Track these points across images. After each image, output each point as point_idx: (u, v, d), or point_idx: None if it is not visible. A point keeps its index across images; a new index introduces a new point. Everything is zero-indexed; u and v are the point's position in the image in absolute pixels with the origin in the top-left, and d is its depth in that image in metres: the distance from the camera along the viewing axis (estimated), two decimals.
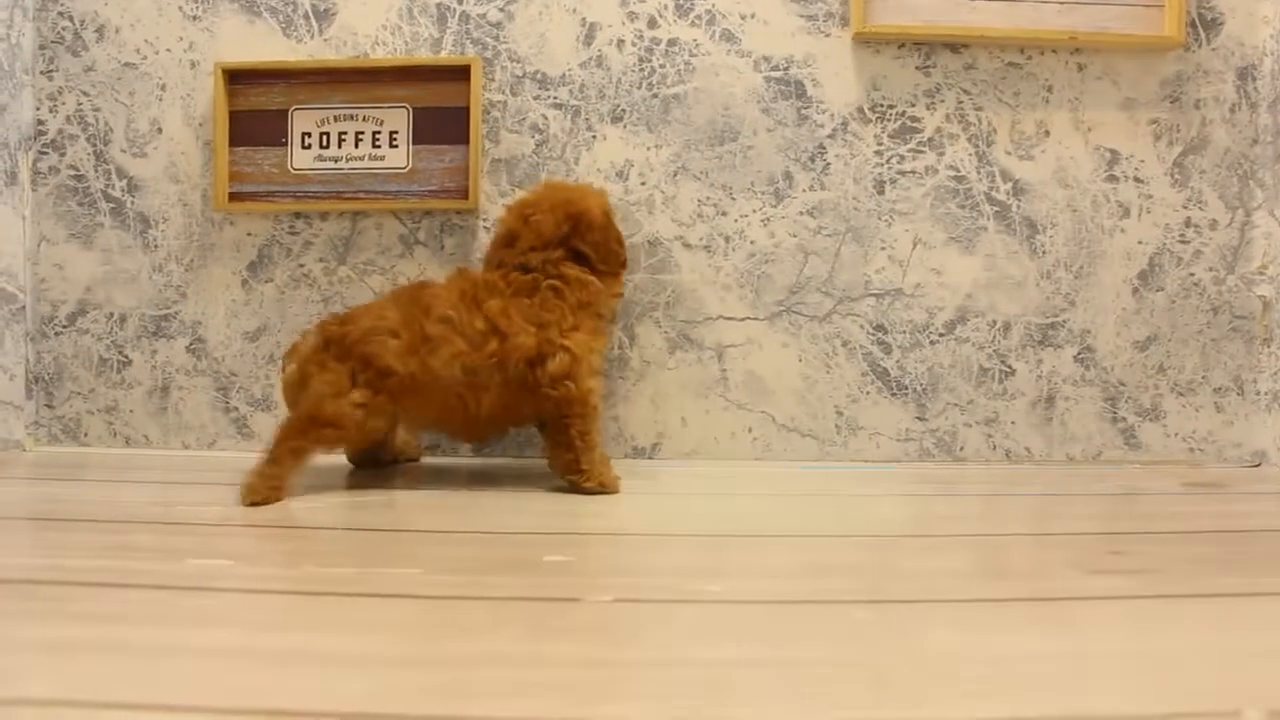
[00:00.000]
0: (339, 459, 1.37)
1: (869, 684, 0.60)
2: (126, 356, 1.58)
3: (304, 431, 1.23)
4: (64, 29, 1.57)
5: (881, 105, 1.52)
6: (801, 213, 1.52)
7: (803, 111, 1.52)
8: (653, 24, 1.52)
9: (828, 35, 1.52)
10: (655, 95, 1.52)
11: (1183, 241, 1.53)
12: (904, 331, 1.52)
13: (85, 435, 1.59)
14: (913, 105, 1.52)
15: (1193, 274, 1.53)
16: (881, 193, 1.52)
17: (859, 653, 0.67)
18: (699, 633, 0.71)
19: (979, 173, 1.52)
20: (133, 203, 1.57)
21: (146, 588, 0.81)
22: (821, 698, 0.58)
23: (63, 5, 1.57)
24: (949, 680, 0.61)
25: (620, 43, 1.52)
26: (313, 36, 1.55)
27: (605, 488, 1.26)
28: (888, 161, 1.52)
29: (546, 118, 1.53)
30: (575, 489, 1.25)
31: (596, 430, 1.28)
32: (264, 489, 1.18)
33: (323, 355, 1.26)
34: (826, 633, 0.71)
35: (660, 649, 0.67)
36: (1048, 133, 1.52)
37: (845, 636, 0.70)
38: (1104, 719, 0.56)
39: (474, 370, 1.25)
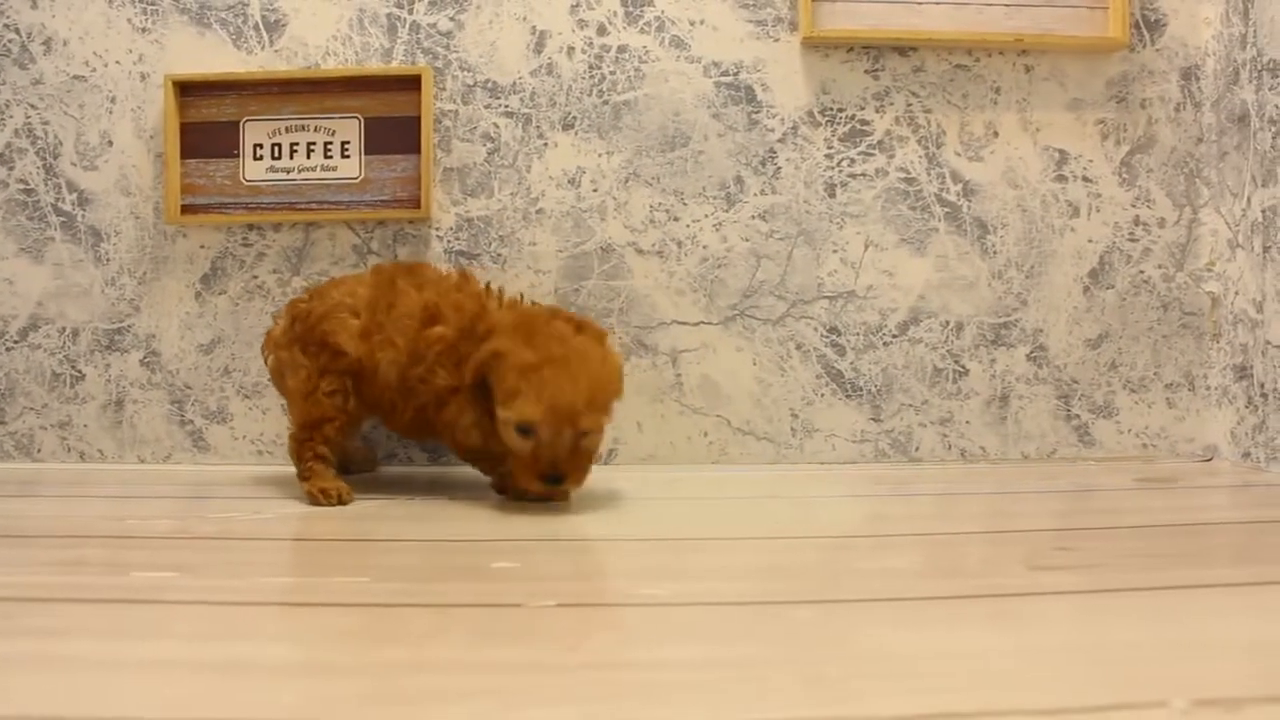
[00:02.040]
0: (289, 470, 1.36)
1: (804, 681, 0.61)
2: (79, 371, 1.57)
3: (309, 440, 1.27)
4: (10, 41, 1.56)
5: (831, 109, 1.53)
6: (753, 217, 1.53)
7: (753, 116, 1.53)
8: (602, 31, 1.53)
9: (776, 40, 1.53)
10: (606, 102, 1.53)
11: (1132, 240, 1.54)
12: (857, 333, 1.53)
13: (38, 451, 1.58)
14: (862, 108, 1.53)
15: (1142, 271, 1.55)
16: (833, 195, 1.53)
17: (797, 651, 0.67)
18: (638, 636, 0.72)
19: (929, 174, 1.53)
20: (84, 216, 1.56)
21: (93, 602, 0.80)
22: (754, 697, 0.58)
23: (8, 17, 1.56)
24: (887, 676, 0.62)
25: (570, 50, 1.53)
26: (263, 48, 1.55)
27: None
28: (838, 164, 1.53)
29: (498, 126, 1.53)
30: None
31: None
32: (330, 492, 1.24)
33: (290, 339, 1.30)
34: (767, 633, 0.71)
35: (598, 653, 0.67)
36: (996, 134, 1.54)
37: (785, 636, 0.71)
38: (1042, 712, 0.56)
39: (404, 380, 1.24)
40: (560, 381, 1.09)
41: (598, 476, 1.20)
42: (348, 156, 1.53)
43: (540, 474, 1.10)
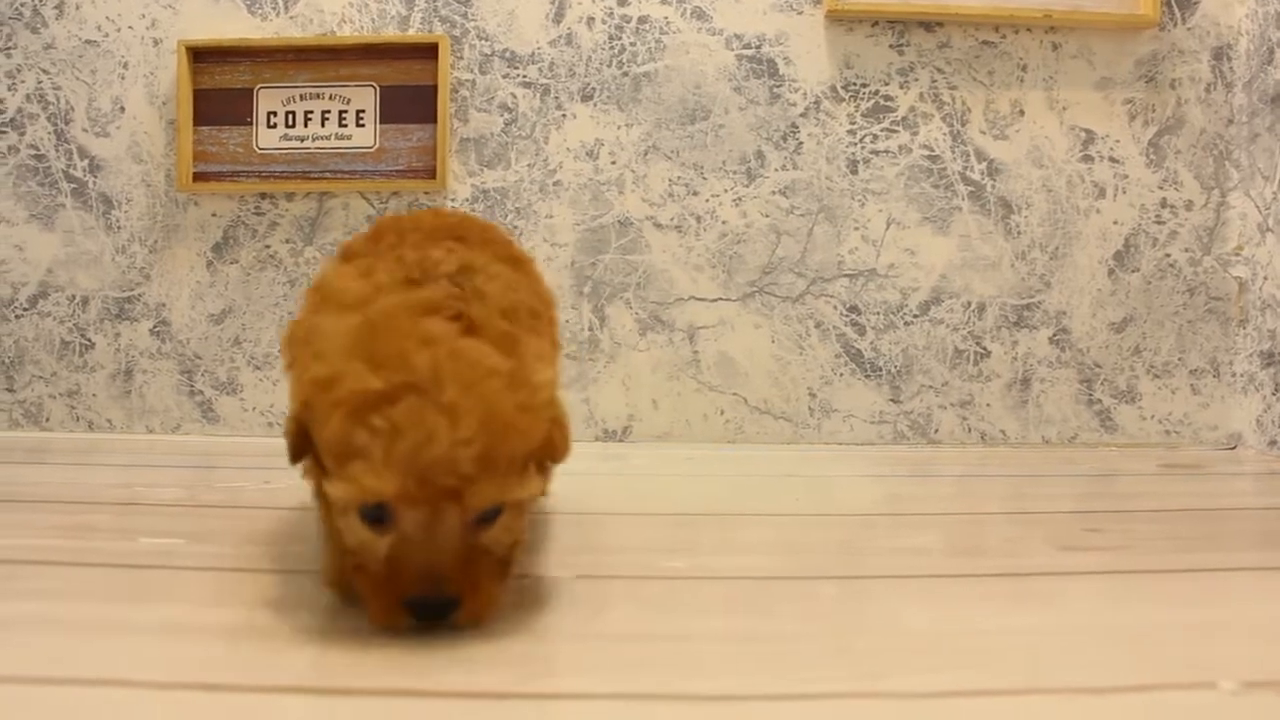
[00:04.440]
0: None
1: (834, 656, 0.59)
2: (89, 339, 1.55)
3: None
4: (22, 5, 1.54)
5: (855, 84, 1.50)
6: (774, 192, 1.50)
7: (775, 90, 1.50)
8: (623, 1, 1.50)
9: (800, 13, 1.50)
10: (626, 73, 1.50)
11: (1158, 222, 1.52)
12: (878, 313, 1.51)
13: (47, 420, 1.56)
14: (886, 84, 1.51)
15: (1168, 255, 1.52)
16: (855, 172, 1.50)
17: (825, 626, 0.65)
18: (663, 608, 0.70)
19: (953, 152, 1.51)
20: (95, 183, 1.54)
21: (100, 566, 0.78)
22: (785, 671, 0.56)
23: None
24: (917, 653, 0.60)
25: (590, 20, 1.50)
26: (278, 14, 1.52)
27: None
28: (861, 141, 1.50)
29: (515, 96, 1.51)
30: None
31: None
32: None
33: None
34: (793, 608, 0.69)
35: (620, 624, 0.65)
36: (1022, 112, 1.51)
37: (812, 611, 0.69)
38: (1076, 691, 0.54)
39: None
40: (426, 424, 0.58)
41: (612, 452, 1.17)
42: (363, 125, 1.51)
43: (400, 595, 0.60)
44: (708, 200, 1.50)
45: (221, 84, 1.52)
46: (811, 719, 0.50)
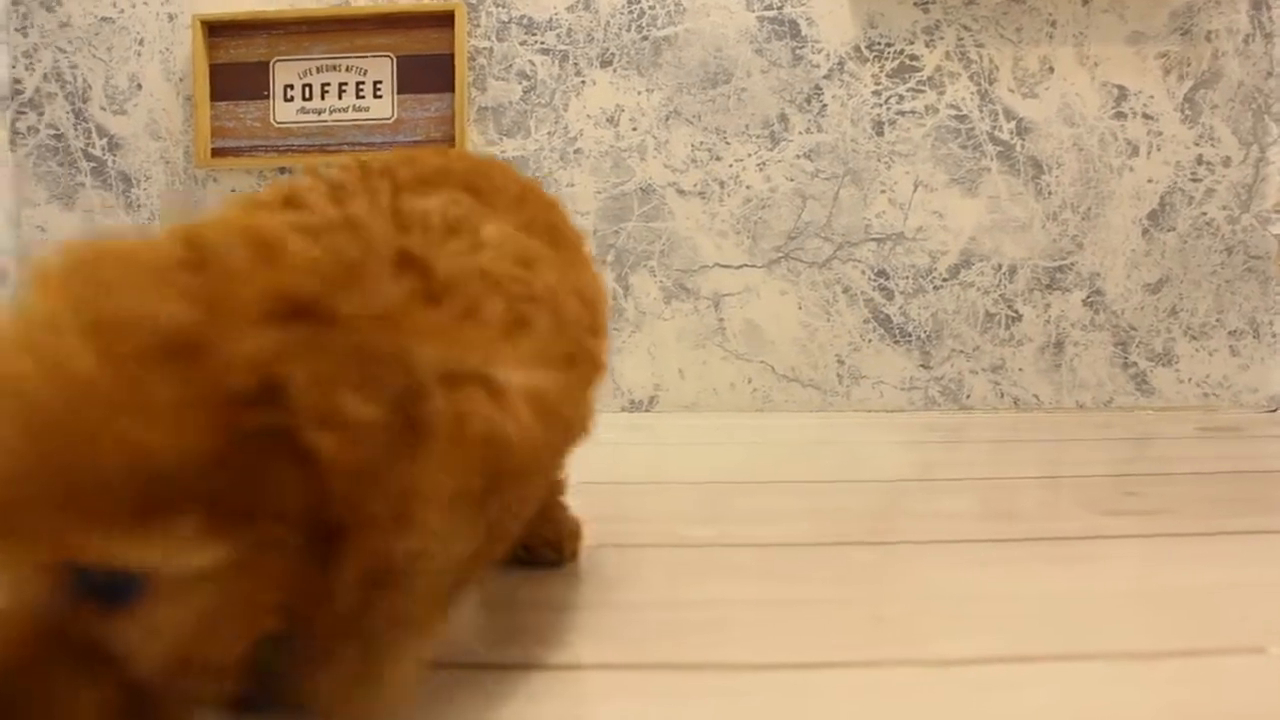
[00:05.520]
0: None
1: (868, 622, 0.57)
2: None
3: None
4: None
5: (879, 44, 1.47)
6: (798, 156, 1.47)
7: (798, 52, 1.47)
8: None
9: None
10: (645, 38, 1.48)
11: (1194, 180, 1.48)
12: (906, 277, 1.48)
13: None
14: (911, 43, 1.47)
15: (1205, 213, 1.48)
16: (880, 134, 1.47)
17: (859, 593, 0.63)
18: (691, 575, 0.68)
19: (981, 112, 1.47)
20: (114, 161, 1.53)
21: None
22: (819, 636, 0.55)
23: None
24: (953, 619, 0.58)
25: None
26: None
27: None
28: (886, 102, 1.47)
29: (534, 63, 1.48)
30: None
31: None
32: None
33: None
34: (826, 574, 0.67)
35: (648, 591, 0.64)
36: (1052, 69, 1.47)
37: (845, 577, 0.67)
38: (1118, 655, 0.52)
39: None
40: None
41: (639, 422, 1.14)
42: (380, 96, 1.49)
43: None
44: (731, 165, 1.48)
45: (237, 58, 1.50)
46: (847, 687, 0.48)
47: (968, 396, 1.49)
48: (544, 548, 0.67)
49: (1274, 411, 1.48)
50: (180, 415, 0.31)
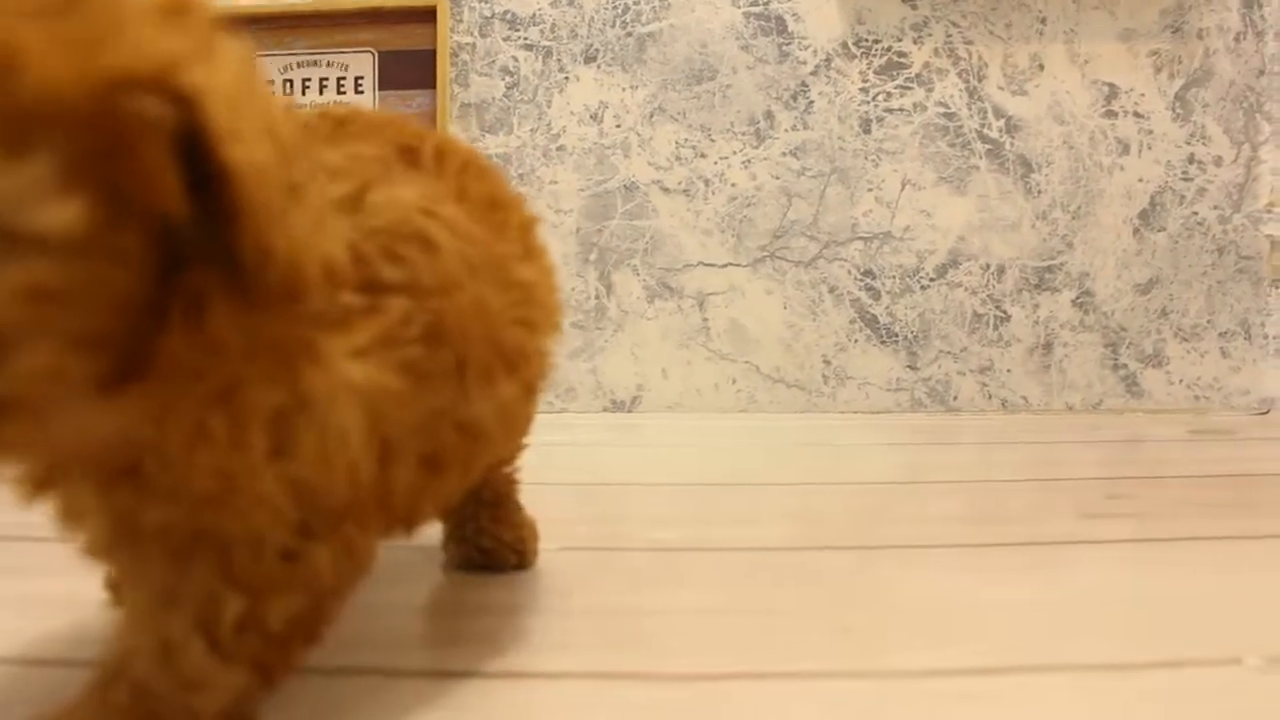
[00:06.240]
0: None
1: (834, 631, 0.55)
2: None
3: None
4: None
5: (867, 40, 1.45)
6: (784, 154, 1.46)
7: (784, 48, 1.45)
8: None
9: None
10: (629, 34, 1.46)
11: (1185, 179, 1.46)
12: (893, 276, 1.46)
13: None
14: (899, 40, 1.45)
15: (1196, 213, 1.46)
16: (868, 132, 1.46)
17: (826, 600, 0.61)
18: (647, 582, 0.66)
19: (970, 109, 1.45)
20: None
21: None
22: (780, 646, 0.53)
23: None
24: (922, 627, 0.56)
25: None
26: None
27: None
28: (874, 99, 1.45)
29: (517, 59, 1.47)
30: None
31: None
32: None
33: None
34: (796, 579, 0.66)
35: (599, 597, 0.62)
36: (1042, 66, 1.46)
37: (816, 582, 0.65)
38: (1087, 666, 0.50)
39: None
40: None
41: (621, 422, 1.14)
42: (361, 92, 1.47)
43: None
44: (716, 163, 1.46)
45: None
46: (803, 699, 0.46)
47: (955, 398, 1.47)
48: (505, 551, 0.65)
49: (1265, 414, 1.46)
50: (65, 51, 0.28)
